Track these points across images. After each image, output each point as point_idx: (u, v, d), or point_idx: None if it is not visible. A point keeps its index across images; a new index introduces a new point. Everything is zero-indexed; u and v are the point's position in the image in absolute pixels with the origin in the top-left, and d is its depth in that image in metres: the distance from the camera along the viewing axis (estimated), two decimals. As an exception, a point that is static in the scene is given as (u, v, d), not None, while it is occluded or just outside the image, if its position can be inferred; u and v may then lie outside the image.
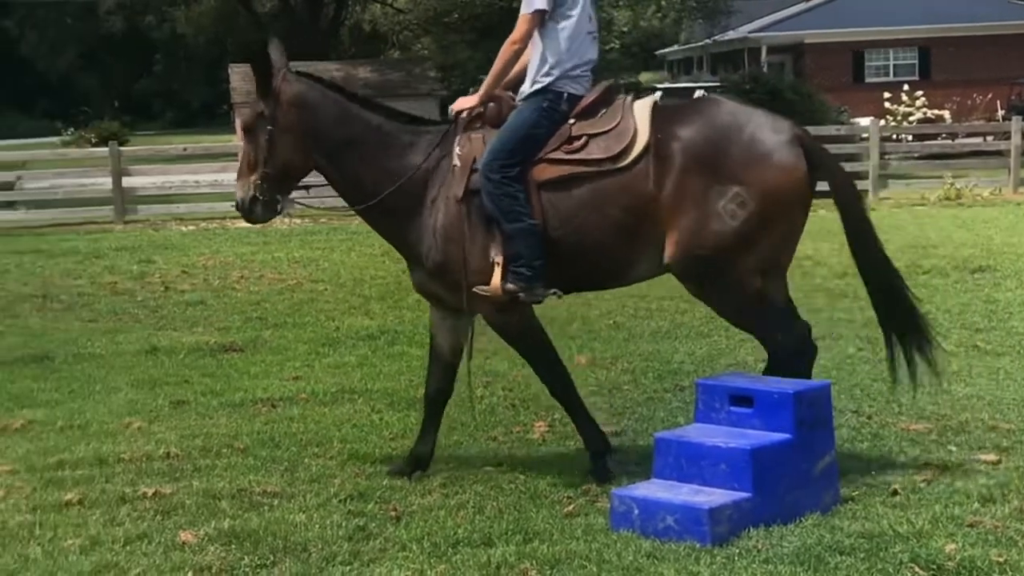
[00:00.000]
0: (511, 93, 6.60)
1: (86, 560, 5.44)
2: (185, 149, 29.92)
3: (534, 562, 5.31)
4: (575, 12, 6.43)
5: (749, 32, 49.75)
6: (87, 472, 6.82)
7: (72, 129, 61.61)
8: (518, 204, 6.20)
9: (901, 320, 6.47)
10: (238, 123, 6.66)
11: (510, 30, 6.52)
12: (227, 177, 27.19)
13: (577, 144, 6.30)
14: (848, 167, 18.39)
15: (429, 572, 5.26)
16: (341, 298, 13.33)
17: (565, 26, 6.41)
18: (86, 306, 13.11)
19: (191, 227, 22.76)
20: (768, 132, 6.19)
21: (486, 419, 7.78)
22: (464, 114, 6.53)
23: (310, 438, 7.45)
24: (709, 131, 6.18)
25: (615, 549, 5.43)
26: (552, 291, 6.33)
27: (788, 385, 5.90)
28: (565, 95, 6.39)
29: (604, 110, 6.39)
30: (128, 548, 5.59)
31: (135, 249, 18.72)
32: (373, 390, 8.65)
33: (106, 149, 25.61)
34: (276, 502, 6.22)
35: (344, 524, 5.84)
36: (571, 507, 6.03)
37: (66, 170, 26.08)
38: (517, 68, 6.57)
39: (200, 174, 27.28)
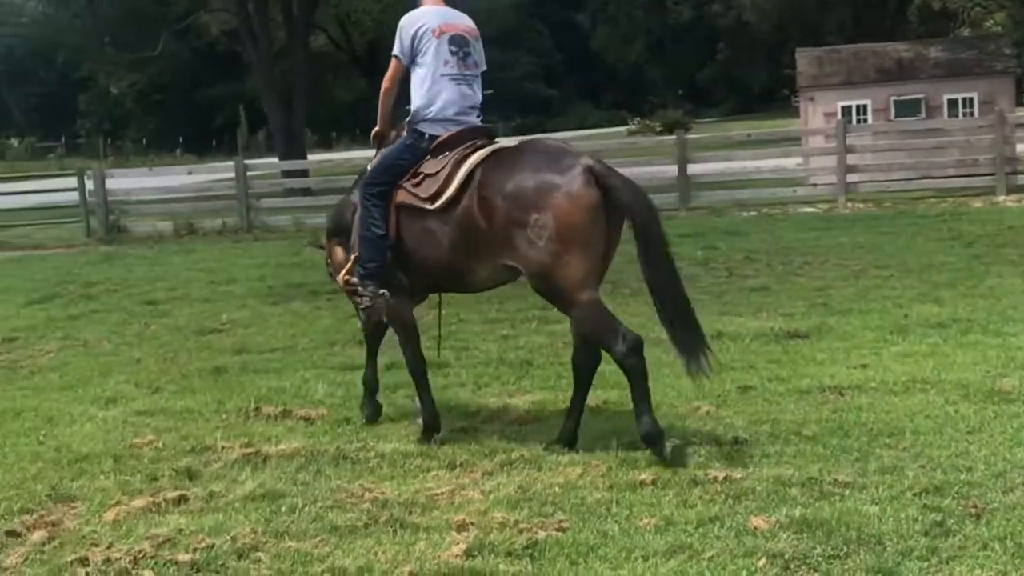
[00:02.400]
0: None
1: (660, 539, 5.56)
2: (749, 135, 30.43)
3: None
4: (427, 60, 7.54)
5: None
6: (659, 453, 6.98)
7: (638, 119, 63.77)
8: (371, 216, 7.50)
9: (682, 321, 7.22)
10: None
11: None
12: (788, 163, 27.33)
13: (417, 179, 7.42)
14: None
15: (1013, 574, 4.98)
16: (908, 284, 12.98)
17: (418, 73, 7.60)
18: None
19: (752, 212, 22.94)
20: (558, 168, 6.88)
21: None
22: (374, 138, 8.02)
23: (880, 428, 7.26)
24: (516, 172, 6.97)
25: None
26: (381, 292, 7.52)
27: None
28: (426, 135, 7.56)
29: (447, 153, 7.40)
30: (700, 530, 5.67)
31: (698, 235, 19.08)
32: (946, 380, 8.31)
33: (672, 137, 26.44)
34: (847, 492, 6.09)
35: (920, 518, 5.63)
36: None
37: (634, 159, 26.94)
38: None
39: (761, 160, 27.53)
